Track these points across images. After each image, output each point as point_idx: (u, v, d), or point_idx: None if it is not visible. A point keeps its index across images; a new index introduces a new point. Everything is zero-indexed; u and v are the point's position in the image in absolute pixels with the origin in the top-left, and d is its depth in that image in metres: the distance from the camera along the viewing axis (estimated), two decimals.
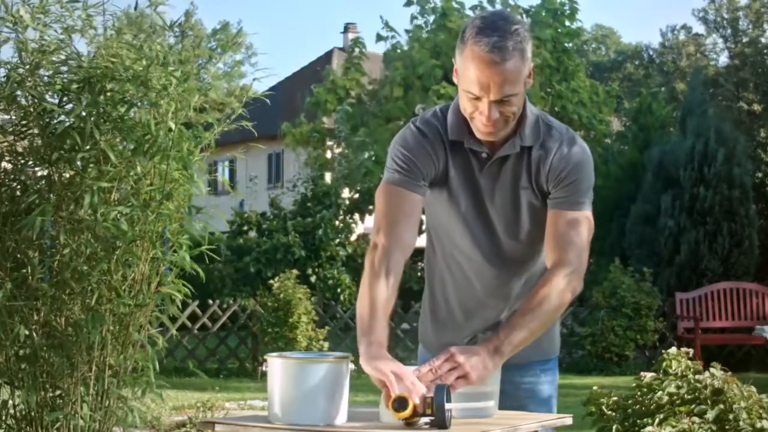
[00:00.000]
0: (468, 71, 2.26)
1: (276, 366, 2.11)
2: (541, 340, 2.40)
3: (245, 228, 16.52)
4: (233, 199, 20.39)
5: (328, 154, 19.55)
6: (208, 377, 10.38)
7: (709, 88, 23.16)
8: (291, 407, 2.08)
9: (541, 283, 2.33)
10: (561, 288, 2.30)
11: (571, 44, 18.19)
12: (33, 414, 4.49)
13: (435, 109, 2.49)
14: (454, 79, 2.37)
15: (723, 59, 30.89)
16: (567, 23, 17.94)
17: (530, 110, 2.41)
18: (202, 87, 4.65)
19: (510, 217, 2.45)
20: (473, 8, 17.79)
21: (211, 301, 12.18)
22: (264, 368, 2.17)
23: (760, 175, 15.61)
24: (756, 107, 24.09)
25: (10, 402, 4.54)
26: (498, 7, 17.86)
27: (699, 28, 32.81)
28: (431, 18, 17.84)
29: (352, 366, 2.17)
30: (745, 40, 28.13)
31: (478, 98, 2.28)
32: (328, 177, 18.66)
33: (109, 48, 4.51)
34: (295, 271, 11.35)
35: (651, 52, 35.26)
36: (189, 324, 11.67)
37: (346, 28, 31.21)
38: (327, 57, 30.19)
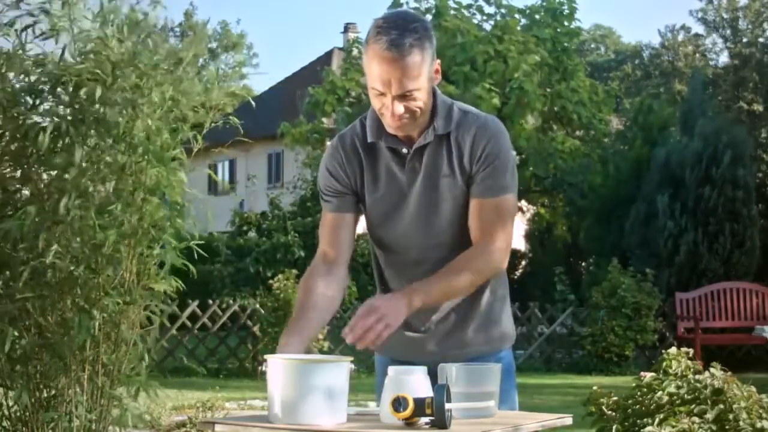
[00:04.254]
0: (371, 69, 2.37)
1: (276, 366, 2.11)
2: (489, 333, 2.54)
3: (245, 228, 16.49)
4: (233, 200, 20.38)
5: None
6: (208, 377, 10.38)
7: (707, 88, 23.15)
8: (291, 407, 2.08)
9: (468, 253, 2.43)
10: (484, 260, 2.44)
11: (569, 44, 18.18)
12: (28, 415, 4.48)
13: (356, 120, 2.58)
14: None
15: (723, 59, 30.89)
16: (565, 23, 17.94)
17: (442, 101, 2.50)
18: (207, 90, 4.64)
19: (432, 208, 2.49)
20: (468, 7, 17.78)
21: (211, 301, 12.18)
22: (264, 368, 2.17)
23: (760, 175, 15.60)
24: (756, 107, 24.07)
25: (4, 403, 4.53)
26: (492, 6, 17.87)
27: (698, 28, 32.82)
28: (427, 17, 17.83)
29: (352, 366, 2.17)
30: (744, 40, 28.11)
31: (382, 94, 2.38)
32: None
33: (98, 47, 4.49)
34: (294, 271, 11.33)
35: (651, 51, 35.22)
36: (189, 324, 11.67)
37: (346, 28, 31.12)
38: (327, 57, 30.08)
